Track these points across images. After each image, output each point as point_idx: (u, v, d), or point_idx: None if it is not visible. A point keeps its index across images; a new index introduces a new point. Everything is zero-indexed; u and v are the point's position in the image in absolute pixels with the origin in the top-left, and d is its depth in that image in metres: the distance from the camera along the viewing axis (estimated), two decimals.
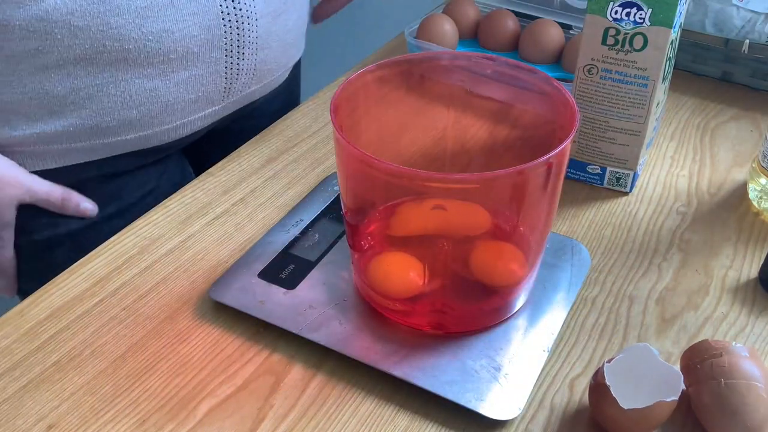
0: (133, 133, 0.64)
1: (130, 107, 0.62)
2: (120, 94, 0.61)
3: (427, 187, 0.45)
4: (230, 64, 0.65)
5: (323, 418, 0.45)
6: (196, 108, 0.66)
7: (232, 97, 0.68)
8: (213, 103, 0.67)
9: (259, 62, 0.68)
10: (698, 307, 0.52)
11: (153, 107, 0.63)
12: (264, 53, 0.67)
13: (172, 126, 0.66)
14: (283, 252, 0.55)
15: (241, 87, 0.68)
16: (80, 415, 0.45)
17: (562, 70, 0.77)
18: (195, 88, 0.64)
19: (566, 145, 0.42)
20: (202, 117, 0.67)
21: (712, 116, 0.74)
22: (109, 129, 0.62)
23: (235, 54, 0.65)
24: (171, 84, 0.62)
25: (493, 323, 0.49)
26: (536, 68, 0.49)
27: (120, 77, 0.60)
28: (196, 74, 0.63)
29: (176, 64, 0.62)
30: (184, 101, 0.64)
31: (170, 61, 0.61)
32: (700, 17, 0.76)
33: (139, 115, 0.63)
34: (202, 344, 0.49)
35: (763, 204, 0.60)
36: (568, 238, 0.57)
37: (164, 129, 0.65)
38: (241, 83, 0.67)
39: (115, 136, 0.63)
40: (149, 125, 0.64)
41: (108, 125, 0.62)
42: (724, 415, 0.41)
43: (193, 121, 0.67)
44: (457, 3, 0.84)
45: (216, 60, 0.64)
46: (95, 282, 0.54)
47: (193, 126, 0.67)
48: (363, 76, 0.49)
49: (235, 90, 0.68)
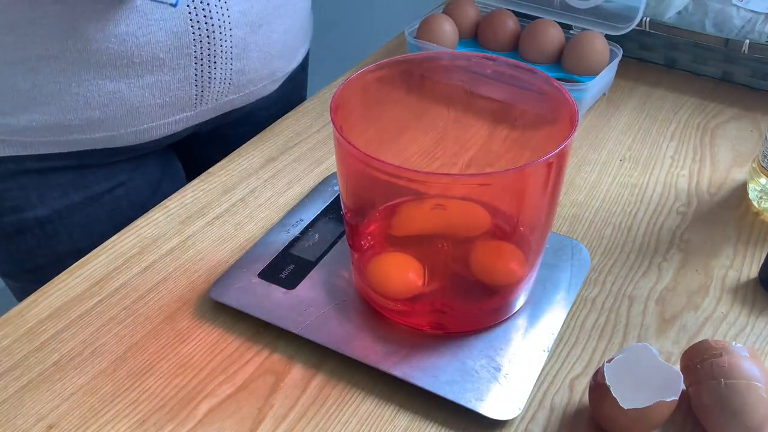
0: (99, 132, 0.63)
1: (93, 107, 0.61)
2: (83, 93, 0.60)
3: (427, 187, 0.45)
4: (201, 72, 0.64)
5: (323, 418, 0.45)
6: (165, 113, 0.65)
7: (206, 105, 0.67)
8: (184, 110, 0.66)
9: (235, 72, 0.66)
10: (698, 307, 0.52)
11: (117, 109, 0.62)
12: (241, 63, 0.66)
13: (140, 128, 0.65)
14: (283, 252, 0.55)
15: (216, 95, 0.67)
16: (80, 415, 0.45)
17: (562, 70, 0.77)
18: (162, 93, 0.63)
19: (566, 145, 0.42)
20: (173, 122, 0.66)
21: (712, 116, 0.74)
22: (73, 127, 0.62)
23: (206, 62, 0.63)
24: (135, 87, 0.62)
25: (493, 323, 0.49)
26: (536, 68, 0.49)
27: (82, 77, 0.59)
28: (162, 80, 0.62)
29: (140, 68, 0.61)
30: (150, 105, 0.63)
31: (134, 65, 0.60)
32: (700, 17, 0.76)
33: (103, 116, 0.62)
34: (202, 344, 0.49)
35: (763, 204, 0.60)
36: (568, 238, 0.57)
37: (131, 131, 0.65)
38: (215, 91, 0.66)
39: (80, 134, 0.63)
40: (114, 126, 0.63)
41: (71, 123, 0.62)
42: (724, 415, 0.41)
43: (162, 125, 0.66)
44: (457, 3, 0.84)
45: (184, 67, 0.62)
46: (95, 282, 0.54)
47: (163, 130, 0.66)
48: (363, 76, 0.49)
49: (208, 98, 0.66)
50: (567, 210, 0.62)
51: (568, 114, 0.45)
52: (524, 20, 0.81)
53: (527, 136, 0.53)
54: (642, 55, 0.84)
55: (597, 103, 0.77)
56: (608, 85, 0.78)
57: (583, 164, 0.67)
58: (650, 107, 0.76)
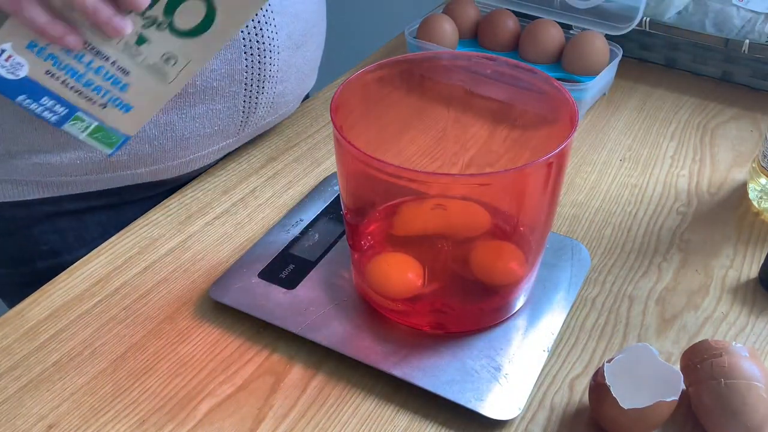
0: (143, 167, 0.62)
1: (143, 141, 0.60)
2: None
3: (427, 187, 0.45)
4: (249, 98, 0.62)
5: (323, 418, 0.45)
6: (212, 142, 0.64)
7: (248, 130, 0.66)
8: (228, 137, 0.65)
9: (277, 95, 0.65)
10: (698, 307, 0.52)
11: (167, 142, 0.61)
12: (283, 86, 0.65)
13: (185, 160, 0.63)
14: (283, 252, 0.55)
15: (257, 120, 0.66)
16: (80, 415, 0.45)
17: (562, 70, 0.77)
18: (212, 122, 0.62)
19: (566, 145, 0.42)
20: (216, 150, 0.65)
21: (712, 116, 0.74)
22: (119, 163, 0.60)
23: (255, 87, 0.62)
24: (187, 118, 0.60)
25: (493, 323, 0.49)
26: (536, 68, 0.49)
27: None
28: (213, 108, 0.61)
29: (194, 98, 0.59)
30: (199, 135, 0.62)
31: (188, 95, 0.59)
32: (700, 17, 0.76)
33: (152, 150, 0.60)
34: (202, 344, 0.49)
35: (763, 204, 0.60)
36: (568, 238, 0.57)
37: (177, 163, 0.63)
38: (257, 116, 0.65)
39: (124, 170, 0.61)
40: (161, 159, 0.62)
41: (118, 159, 0.60)
42: (724, 415, 0.41)
43: (206, 154, 0.65)
44: (457, 3, 0.84)
45: (234, 94, 0.61)
46: (95, 282, 0.54)
47: (205, 160, 0.65)
48: (363, 76, 0.49)
49: (251, 123, 0.65)
50: (567, 210, 0.62)
51: (568, 114, 0.45)
52: (524, 20, 0.81)
53: (527, 136, 0.53)
54: (642, 55, 0.84)
55: (597, 103, 0.77)
56: (608, 85, 0.78)
57: (583, 164, 0.67)
58: (650, 107, 0.76)
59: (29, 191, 0.61)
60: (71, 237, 0.64)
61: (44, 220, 0.63)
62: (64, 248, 0.64)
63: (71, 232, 0.64)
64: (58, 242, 0.64)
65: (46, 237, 0.64)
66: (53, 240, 0.64)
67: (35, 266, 0.65)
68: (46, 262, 0.64)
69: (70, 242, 0.64)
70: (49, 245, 0.64)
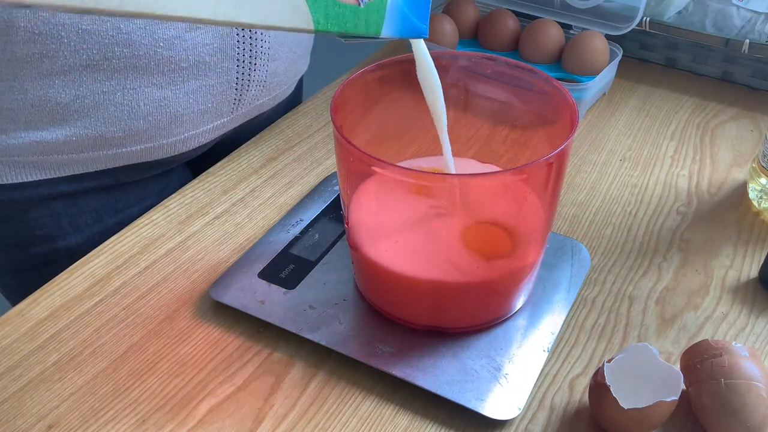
0: (138, 144, 0.62)
1: (138, 117, 0.60)
2: (127, 103, 0.59)
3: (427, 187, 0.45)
4: (242, 75, 0.63)
5: (323, 418, 0.45)
6: (205, 120, 0.64)
7: (242, 109, 0.67)
8: (222, 115, 0.65)
9: (270, 74, 0.66)
10: (698, 307, 0.52)
11: (161, 118, 0.61)
12: (275, 64, 0.66)
13: (179, 138, 0.64)
14: (283, 252, 0.55)
15: (251, 99, 0.67)
16: (80, 415, 0.45)
17: (562, 70, 0.77)
18: (205, 98, 0.63)
19: (566, 145, 0.42)
20: (210, 129, 0.66)
21: (712, 116, 0.74)
22: (114, 140, 0.61)
23: (247, 64, 0.63)
24: (181, 94, 0.61)
25: (493, 323, 0.49)
26: (536, 68, 0.49)
27: (128, 85, 0.58)
28: (207, 84, 0.62)
29: (187, 73, 0.60)
30: (193, 112, 0.63)
31: (181, 70, 0.59)
32: (700, 17, 0.76)
33: (146, 126, 0.61)
34: (202, 344, 0.49)
35: (763, 204, 0.60)
36: (568, 238, 0.57)
37: (171, 141, 0.64)
38: (251, 95, 0.66)
39: (119, 147, 0.62)
40: (156, 137, 0.62)
41: (113, 135, 0.60)
42: (724, 415, 0.41)
43: (201, 133, 0.65)
44: (457, 3, 0.84)
45: (227, 70, 0.62)
46: (95, 282, 0.54)
47: (200, 138, 0.66)
48: (363, 76, 0.49)
49: (244, 102, 0.66)
50: (567, 210, 0.62)
51: (568, 114, 0.45)
52: (524, 20, 0.81)
53: (527, 136, 0.53)
54: (642, 55, 0.84)
55: (597, 103, 0.77)
56: (608, 85, 0.78)
57: (583, 164, 0.68)
58: (650, 107, 0.76)
59: (25, 173, 0.62)
60: (65, 222, 0.65)
61: (39, 203, 0.63)
62: (58, 234, 0.64)
63: (66, 217, 0.65)
64: (53, 227, 0.64)
65: (41, 221, 0.64)
66: (48, 224, 0.64)
67: (29, 252, 0.65)
68: (40, 248, 0.65)
69: (64, 227, 0.65)
70: (44, 230, 0.64)
